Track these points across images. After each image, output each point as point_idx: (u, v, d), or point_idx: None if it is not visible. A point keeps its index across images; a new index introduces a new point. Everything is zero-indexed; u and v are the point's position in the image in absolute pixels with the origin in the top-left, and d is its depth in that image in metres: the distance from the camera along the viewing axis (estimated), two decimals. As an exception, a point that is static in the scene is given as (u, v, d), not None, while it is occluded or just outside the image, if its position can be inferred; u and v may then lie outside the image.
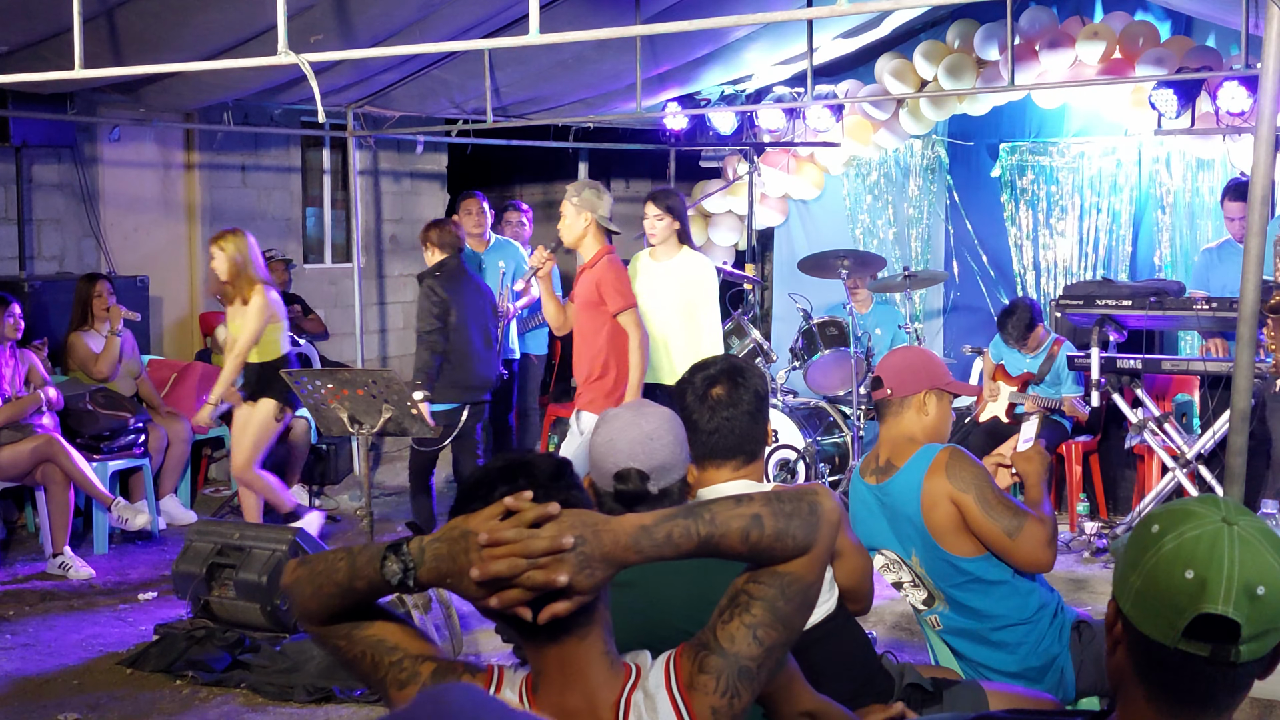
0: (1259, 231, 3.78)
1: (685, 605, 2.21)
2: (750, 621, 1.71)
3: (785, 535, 1.69)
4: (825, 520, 1.72)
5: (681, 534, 1.67)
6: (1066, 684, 3.44)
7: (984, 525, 3.29)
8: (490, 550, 1.60)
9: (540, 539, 1.60)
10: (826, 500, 1.74)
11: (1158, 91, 6.96)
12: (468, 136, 9.08)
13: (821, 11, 4.84)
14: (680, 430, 2.44)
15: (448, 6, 6.40)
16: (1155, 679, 1.52)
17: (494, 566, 1.59)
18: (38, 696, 4.80)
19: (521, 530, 1.60)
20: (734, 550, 1.69)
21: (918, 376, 3.47)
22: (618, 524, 1.65)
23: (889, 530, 3.48)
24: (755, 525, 1.68)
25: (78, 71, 4.78)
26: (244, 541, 5.33)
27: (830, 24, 8.03)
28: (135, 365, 7.49)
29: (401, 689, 1.77)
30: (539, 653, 1.72)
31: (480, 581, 1.60)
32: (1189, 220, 8.32)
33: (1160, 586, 1.47)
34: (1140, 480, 7.03)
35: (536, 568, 1.59)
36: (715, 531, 1.67)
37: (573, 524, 1.62)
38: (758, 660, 1.72)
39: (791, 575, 1.72)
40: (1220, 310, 6.17)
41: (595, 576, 1.62)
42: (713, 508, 1.69)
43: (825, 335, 7.26)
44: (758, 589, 1.72)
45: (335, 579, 1.75)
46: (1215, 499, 1.54)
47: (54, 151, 8.06)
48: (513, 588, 1.61)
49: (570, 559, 1.60)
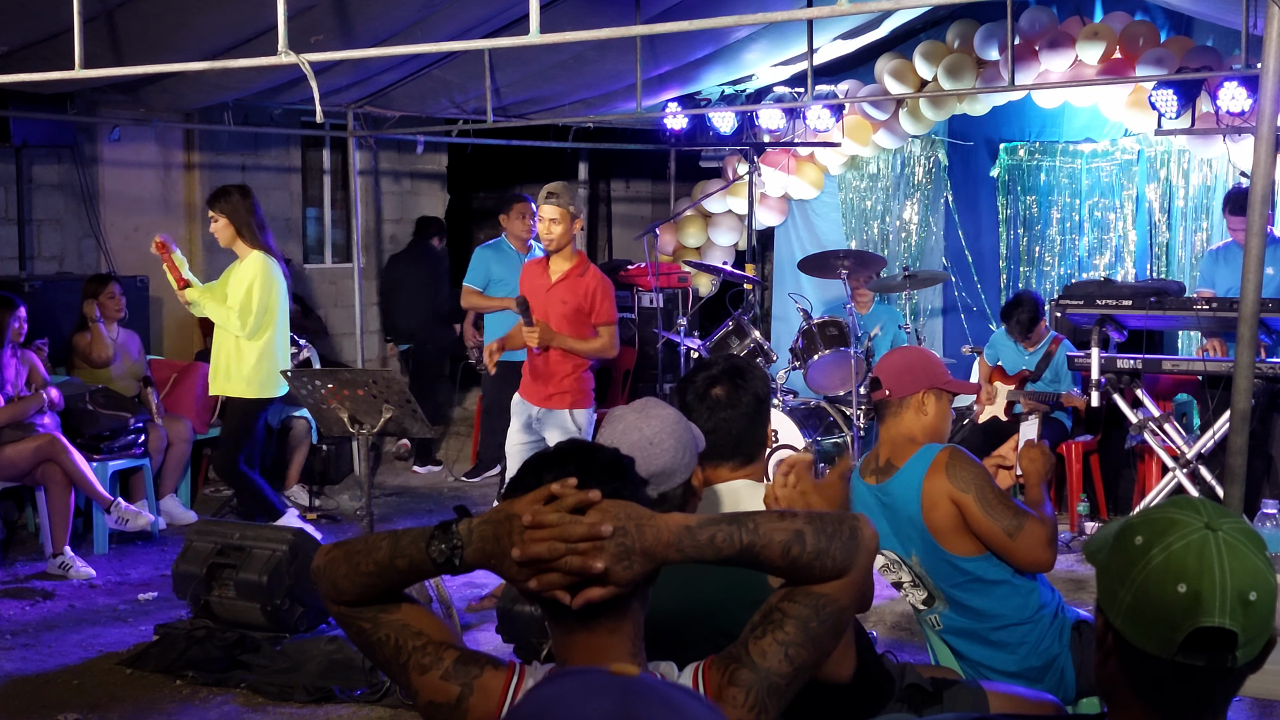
0: (1259, 232, 3.78)
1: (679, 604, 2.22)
2: (783, 639, 1.73)
3: (825, 555, 1.71)
4: (864, 547, 1.75)
5: (725, 539, 1.70)
6: (1067, 684, 3.44)
7: (984, 525, 3.29)
8: (531, 533, 1.64)
9: (580, 525, 1.63)
10: (867, 528, 1.77)
11: (1158, 92, 6.96)
12: (468, 136, 9.07)
13: (821, 11, 4.84)
14: (686, 433, 2.44)
15: (448, 6, 6.40)
16: (1151, 691, 1.52)
17: (534, 549, 1.63)
18: (38, 696, 4.80)
19: (563, 515, 1.64)
20: (773, 563, 1.72)
21: (916, 377, 3.48)
22: (662, 521, 1.68)
23: (889, 530, 3.48)
24: (797, 541, 1.71)
25: (78, 71, 4.77)
26: (244, 541, 5.33)
27: (830, 25, 8.03)
28: (140, 367, 7.50)
29: (424, 674, 1.79)
30: (569, 639, 1.74)
31: (521, 562, 1.64)
32: (1189, 220, 8.32)
33: (1153, 602, 1.47)
34: (1140, 480, 7.03)
35: (575, 553, 1.63)
36: (758, 541, 1.70)
37: (615, 514, 1.65)
38: (787, 679, 1.74)
39: (827, 597, 1.74)
40: (1220, 310, 6.17)
41: (633, 569, 1.65)
42: (757, 518, 1.72)
43: (825, 335, 7.26)
44: (792, 608, 1.75)
45: (375, 557, 1.78)
46: (1194, 502, 1.53)
47: (54, 151, 8.06)
48: (551, 571, 1.64)
49: (609, 547, 1.63)
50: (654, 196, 11.47)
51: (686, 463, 2.43)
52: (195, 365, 7.86)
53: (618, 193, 11.83)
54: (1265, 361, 5.93)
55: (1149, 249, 8.54)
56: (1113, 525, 1.60)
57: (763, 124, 8.88)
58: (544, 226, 5.53)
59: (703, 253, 9.71)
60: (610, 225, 11.86)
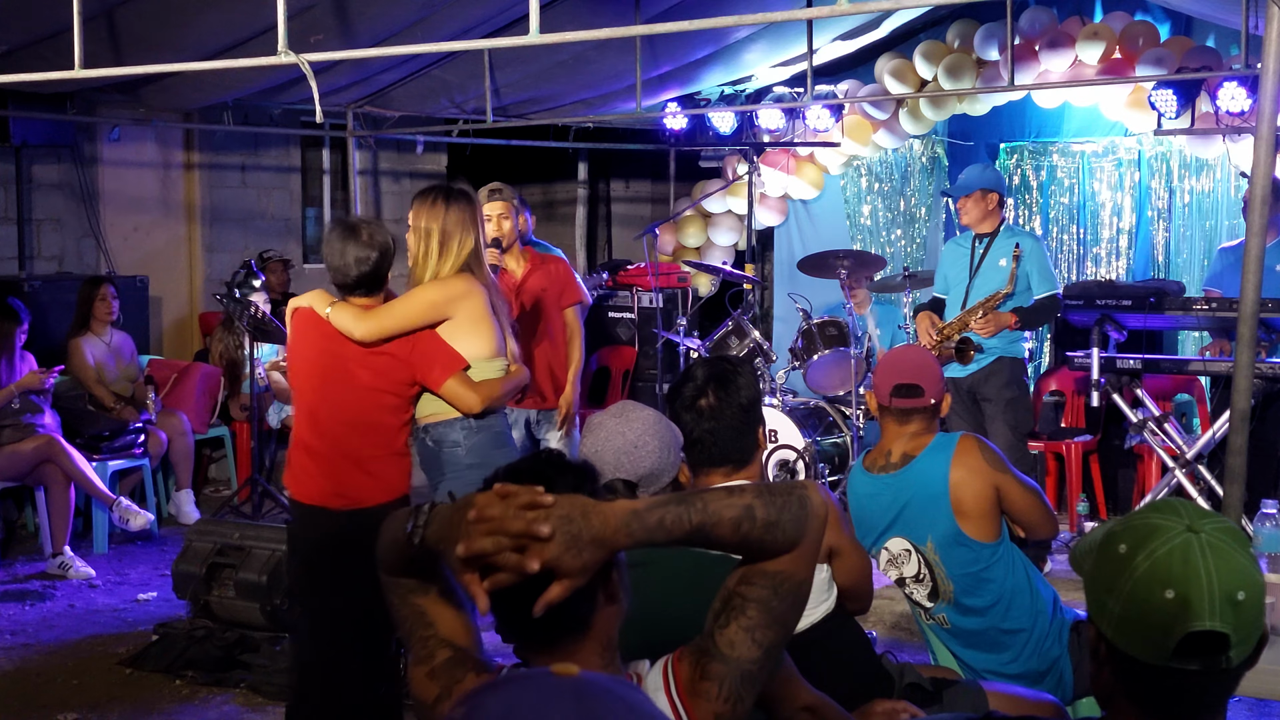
0: (1259, 231, 3.78)
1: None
2: (747, 624, 1.72)
3: (776, 527, 1.70)
4: (813, 514, 1.73)
5: (674, 520, 1.67)
6: (1065, 684, 3.44)
7: (1023, 499, 3.40)
8: (476, 525, 1.61)
9: (519, 519, 1.60)
10: (815, 494, 1.75)
11: (1158, 91, 6.96)
12: (468, 136, 9.08)
13: (821, 11, 4.84)
14: (667, 432, 2.45)
15: (448, 7, 6.40)
16: (1148, 697, 1.52)
17: (477, 542, 1.60)
18: (38, 696, 4.80)
19: (506, 509, 1.61)
20: (725, 540, 1.70)
21: (938, 377, 3.54)
22: (608, 507, 1.66)
23: (900, 520, 3.47)
24: (747, 516, 1.69)
25: (78, 71, 4.77)
26: (244, 541, 5.33)
27: (830, 25, 8.03)
28: (134, 369, 7.49)
29: (417, 665, 1.80)
30: (533, 661, 1.74)
31: (463, 557, 1.61)
32: (1188, 220, 8.32)
33: (1142, 610, 1.46)
34: (1140, 480, 7.04)
35: (517, 548, 1.59)
36: (707, 520, 1.68)
37: (559, 510, 1.62)
38: (758, 663, 1.73)
39: (783, 573, 1.73)
40: (1220, 310, 6.17)
41: (583, 558, 1.61)
42: (705, 497, 1.70)
43: (825, 335, 7.25)
44: (750, 590, 1.74)
45: (395, 526, 1.79)
46: (1174, 504, 1.53)
47: (54, 151, 8.06)
48: (498, 571, 1.61)
49: (550, 546, 1.59)
50: (654, 196, 11.46)
51: (672, 462, 2.44)
52: (195, 365, 7.86)
53: (617, 193, 11.82)
54: (1265, 361, 5.93)
55: (1149, 249, 8.54)
56: (1096, 533, 1.59)
57: (762, 124, 8.87)
58: (494, 225, 5.39)
59: (702, 253, 9.71)
60: (610, 225, 11.86)
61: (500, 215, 5.44)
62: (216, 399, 7.80)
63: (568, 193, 11.64)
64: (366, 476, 3.80)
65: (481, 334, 3.88)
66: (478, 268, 3.96)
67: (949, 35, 8.39)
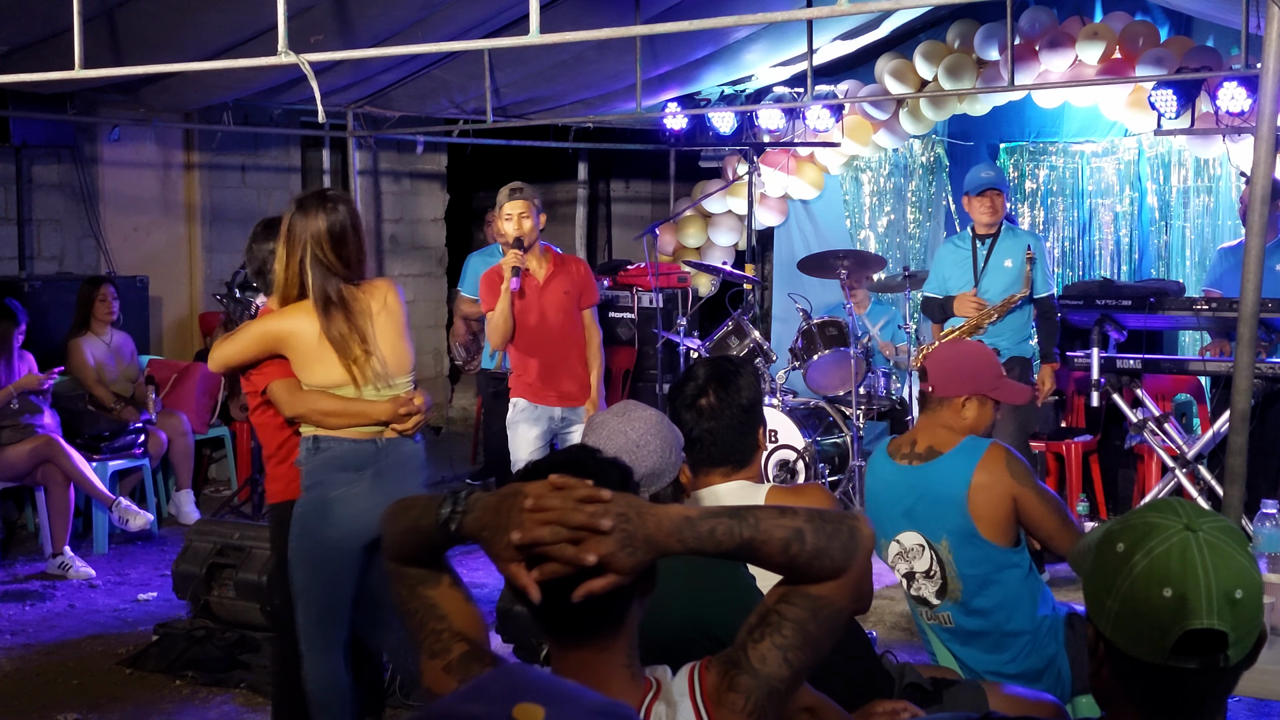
0: (1259, 231, 3.78)
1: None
2: (781, 643, 1.72)
3: (824, 554, 1.70)
4: (862, 547, 1.74)
5: (725, 532, 1.69)
6: (1063, 682, 3.44)
7: (1040, 513, 3.35)
8: (532, 515, 1.63)
9: (581, 512, 1.62)
10: (865, 527, 1.76)
11: (1158, 91, 6.96)
12: (468, 137, 9.08)
13: (822, 11, 4.84)
14: (668, 431, 2.45)
15: (448, 7, 6.40)
16: (1147, 696, 1.52)
17: (536, 531, 1.62)
18: (38, 696, 4.80)
19: (567, 500, 1.63)
20: (772, 559, 1.71)
21: (961, 380, 3.46)
22: (662, 510, 1.68)
23: (916, 514, 3.46)
24: (797, 539, 1.69)
25: (78, 71, 4.77)
26: (244, 541, 5.32)
27: (830, 25, 8.03)
28: (134, 370, 7.49)
29: (431, 659, 1.79)
30: (563, 656, 1.74)
31: (518, 545, 1.63)
32: (1188, 220, 8.32)
33: (1140, 609, 1.47)
34: (1140, 480, 7.03)
35: (572, 541, 1.62)
36: (758, 537, 1.69)
37: (618, 504, 1.64)
38: (786, 682, 1.73)
39: (824, 599, 1.73)
40: (1220, 310, 6.17)
41: (635, 556, 1.64)
42: (758, 514, 1.71)
43: (825, 335, 7.25)
44: (790, 610, 1.74)
45: (411, 514, 1.78)
46: (1172, 504, 1.53)
47: (54, 151, 8.06)
48: (550, 561, 1.63)
49: (608, 541, 1.62)
50: (654, 197, 11.46)
51: (674, 461, 2.44)
52: (195, 365, 7.86)
53: (617, 193, 11.82)
54: (1265, 361, 5.93)
55: (1149, 249, 8.54)
56: (1095, 533, 1.60)
57: (762, 124, 8.87)
58: (514, 223, 5.39)
59: (703, 253, 9.71)
60: (610, 225, 11.85)
61: (521, 214, 5.40)
62: (216, 399, 7.80)
63: (568, 193, 11.64)
64: (269, 480, 4.05)
65: (325, 363, 3.66)
66: (321, 280, 3.64)
67: (949, 35, 8.39)
